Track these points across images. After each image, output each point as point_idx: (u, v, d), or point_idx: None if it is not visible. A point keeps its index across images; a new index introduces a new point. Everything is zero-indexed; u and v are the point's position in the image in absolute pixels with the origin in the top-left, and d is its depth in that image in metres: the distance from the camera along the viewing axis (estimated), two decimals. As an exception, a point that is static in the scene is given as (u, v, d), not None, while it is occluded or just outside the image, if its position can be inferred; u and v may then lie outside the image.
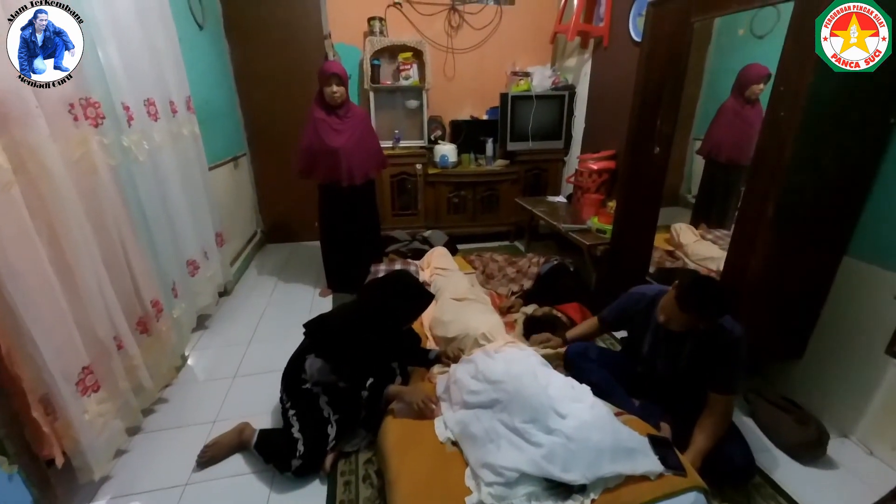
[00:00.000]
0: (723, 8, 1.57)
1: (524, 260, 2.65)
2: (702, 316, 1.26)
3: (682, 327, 1.30)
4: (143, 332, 1.58)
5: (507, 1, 3.38)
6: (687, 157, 2.36)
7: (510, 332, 1.94)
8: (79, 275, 1.23)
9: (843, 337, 1.54)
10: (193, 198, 2.14)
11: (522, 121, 3.25)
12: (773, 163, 1.34)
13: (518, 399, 1.28)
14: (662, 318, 1.32)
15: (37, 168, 1.12)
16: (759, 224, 1.40)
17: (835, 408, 1.57)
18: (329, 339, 1.46)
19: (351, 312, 1.55)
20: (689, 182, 2.44)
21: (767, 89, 1.37)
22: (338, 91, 2.17)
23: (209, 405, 1.71)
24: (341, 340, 1.43)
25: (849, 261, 1.51)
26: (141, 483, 1.38)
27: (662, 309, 1.33)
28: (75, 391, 1.19)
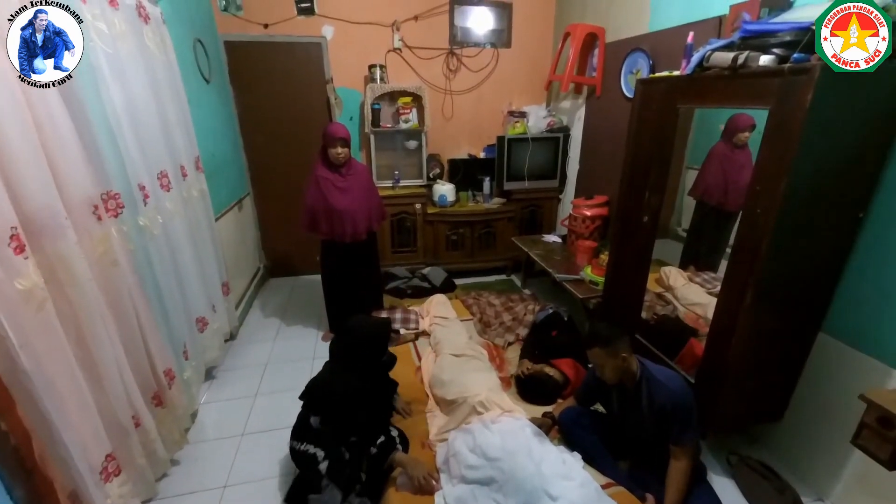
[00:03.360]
0: (702, 102, 1.67)
1: (520, 306, 2.74)
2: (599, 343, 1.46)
3: (611, 371, 1.48)
4: (158, 405, 1.65)
5: (504, 44, 3.49)
6: (679, 189, 2.43)
7: (507, 388, 2.04)
8: (102, 367, 1.32)
9: (819, 404, 1.65)
10: (202, 255, 2.22)
11: (519, 162, 3.35)
12: (750, 255, 1.44)
13: (513, 481, 1.37)
14: (597, 372, 1.53)
15: (66, 276, 1.20)
16: (739, 306, 1.50)
17: (812, 470, 1.67)
18: (327, 400, 1.53)
19: (335, 367, 1.62)
20: (679, 214, 2.48)
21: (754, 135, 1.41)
22: (342, 152, 2.27)
23: (220, 468, 1.79)
24: (339, 397, 1.50)
25: (824, 337, 1.62)
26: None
27: (593, 363, 1.53)
28: (99, 480, 1.27)
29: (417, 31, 3.29)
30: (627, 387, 1.53)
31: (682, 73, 1.70)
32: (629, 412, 1.56)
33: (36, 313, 1.09)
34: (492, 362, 2.19)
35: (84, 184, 1.31)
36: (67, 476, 1.16)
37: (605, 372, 1.50)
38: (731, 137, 2.09)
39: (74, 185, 1.27)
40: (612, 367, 1.47)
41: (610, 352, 1.45)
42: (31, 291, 1.07)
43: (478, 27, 3.41)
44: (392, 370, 1.85)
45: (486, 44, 3.45)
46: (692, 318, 2.18)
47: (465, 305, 2.80)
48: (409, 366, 2.21)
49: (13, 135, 1.09)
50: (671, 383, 1.45)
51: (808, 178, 1.32)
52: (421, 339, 2.45)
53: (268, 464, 1.80)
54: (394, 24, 3.22)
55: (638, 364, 1.51)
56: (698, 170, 2.24)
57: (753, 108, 1.43)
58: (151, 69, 1.83)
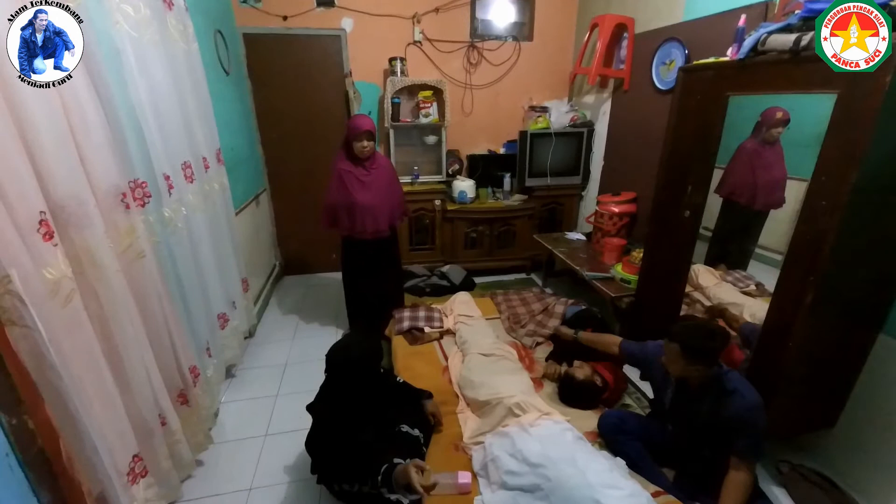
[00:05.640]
0: (755, 89, 1.58)
1: (551, 298, 2.64)
2: (685, 349, 1.35)
3: (679, 370, 1.40)
4: (184, 404, 1.59)
5: (525, 37, 3.41)
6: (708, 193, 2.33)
7: (539, 389, 1.95)
8: (129, 364, 1.25)
9: (878, 410, 1.55)
10: (222, 250, 2.16)
11: (541, 157, 3.27)
12: (811, 251, 1.35)
13: (561, 490, 1.29)
14: (664, 359, 1.45)
15: (92, 269, 1.14)
16: (798, 306, 1.41)
17: (867, 481, 1.57)
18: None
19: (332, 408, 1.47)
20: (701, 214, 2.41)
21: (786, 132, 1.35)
22: (368, 145, 2.20)
23: (244, 469, 1.73)
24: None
25: (884, 339, 1.52)
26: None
27: (664, 350, 1.44)
28: (126, 482, 1.21)
29: (438, 23, 3.22)
30: (691, 385, 1.44)
31: (731, 58, 1.61)
32: (684, 411, 1.47)
33: (64, 306, 1.03)
34: (521, 362, 2.11)
35: (111, 171, 1.25)
36: (94, 479, 1.10)
37: (672, 367, 1.43)
38: (763, 134, 2.00)
39: (102, 171, 1.21)
40: (681, 368, 1.40)
41: (689, 360, 1.37)
42: (60, 282, 1.01)
43: (499, 20, 3.33)
44: (415, 371, 1.73)
45: (507, 37, 3.37)
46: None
47: (495, 303, 2.71)
48: (435, 366, 2.14)
49: (39, 117, 1.03)
50: (750, 395, 1.36)
51: (882, 168, 1.23)
52: (446, 338, 2.38)
53: (293, 466, 1.73)
54: (414, 17, 3.15)
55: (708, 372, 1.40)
56: (724, 168, 2.15)
57: (817, 93, 1.33)
58: (174, 57, 1.77)
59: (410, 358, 2.19)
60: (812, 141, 1.39)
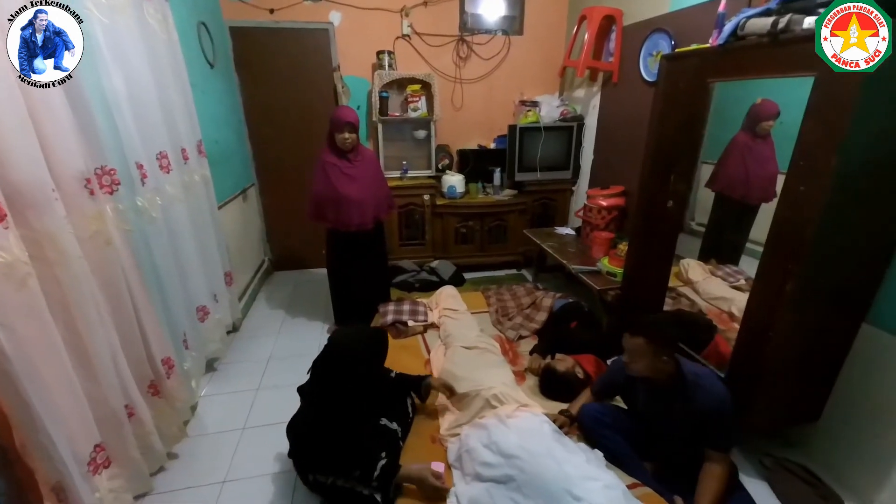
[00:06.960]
0: (737, 74, 1.55)
1: (540, 293, 2.62)
2: (651, 340, 1.34)
3: (645, 366, 1.37)
4: (155, 395, 1.57)
5: (516, 31, 3.39)
6: (693, 184, 2.32)
7: (521, 382, 1.93)
8: (93, 352, 1.23)
9: (862, 402, 1.52)
10: (204, 242, 2.14)
11: (531, 152, 3.24)
12: (791, 240, 1.32)
13: (535, 481, 1.26)
14: (626, 359, 1.42)
15: (54, 254, 1.12)
16: (779, 298, 1.38)
17: (852, 474, 1.54)
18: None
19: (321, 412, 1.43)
20: (693, 209, 2.40)
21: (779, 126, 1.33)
22: (350, 138, 2.18)
23: (219, 462, 1.70)
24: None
25: (868, 328, 1.49)
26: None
27: (625, 350, 1.41)
28: (86, 472, 1.18)
29: (427, 17, 3.20)
30: (658, 385, 1.41)
31: (712, 44, 1.58)
32: (658, 411, 1.45)
33: (17, 290, 1.00)
34: (504, 356, 2.08)
35: (76, 156, 1.23)
36: (51, 467, 1.07)
37: (636, 365, 1.39)
38: (754, 127, 1.97)
39: (66, 156, 1.19)
40: (646, 364, 1.36)
41: (655, 350, 1.34)
42: (13, 265, 0.99)
43: (489, 13, 3.31)
44: (401, 363, 1.73)
45: (497, 31, 3.34)
46: (714, 313, 2.06)
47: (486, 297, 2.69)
48: (418, 359, 2.11)
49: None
50: (715, 388, 1.35)
51: (863, 152, 1.20)
52: (430, 331, 2.35)
53: (269, 459, 1.71)
54: (402, 10, 3.13)
55: (675, 364, 1.39)
56: (714, 164, 2.12)
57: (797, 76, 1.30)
58: (152, 46, 1.75)
59: (395, 351, 2.16)
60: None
